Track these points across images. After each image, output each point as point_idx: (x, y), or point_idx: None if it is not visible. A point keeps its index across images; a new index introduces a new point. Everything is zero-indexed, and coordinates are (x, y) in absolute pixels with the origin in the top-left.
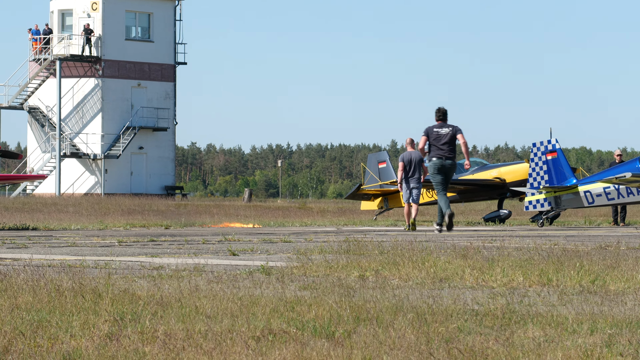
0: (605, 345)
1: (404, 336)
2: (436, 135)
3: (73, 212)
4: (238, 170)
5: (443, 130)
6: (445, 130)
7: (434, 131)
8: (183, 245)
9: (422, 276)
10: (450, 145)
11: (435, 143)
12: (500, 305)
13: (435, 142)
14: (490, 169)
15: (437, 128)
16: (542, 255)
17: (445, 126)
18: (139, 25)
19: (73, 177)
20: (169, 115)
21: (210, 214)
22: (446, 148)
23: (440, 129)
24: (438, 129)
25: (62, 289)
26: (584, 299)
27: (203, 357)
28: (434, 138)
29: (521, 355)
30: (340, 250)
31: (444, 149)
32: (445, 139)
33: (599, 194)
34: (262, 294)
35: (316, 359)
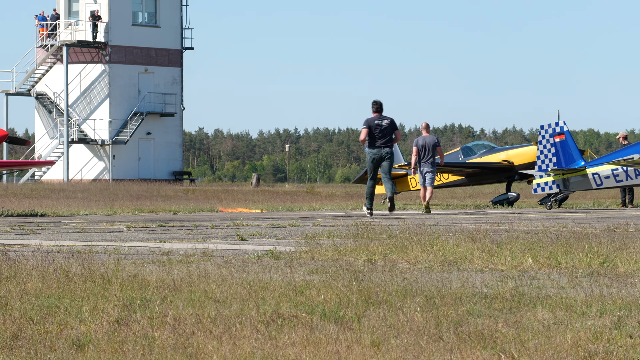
0: (614, 327)
1: (413, 319)
2: (377, 126)
3: (81, 198)
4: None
5: (384, 122)
6: (385, 122)
7: (375, 122)
8: (192, 231)
9: (431, 259)
10: (389, 136)
11: (375, 134)
12: (509, 288)
13: (376, 132)
14: (498, 151)
15: (377, 120)
16: (550, 238)
17: (384, 118)
18: (146, 10)
19: (81, 163)
20: (176, 101)
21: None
22: (385, 138)
23: (381, 120)
24: (379, 121)
25: (71, 275)
26: (593, 281)
27: (212, 341)
28: (374, 129)
29: (530, 338)
30: (349, 234)
31: (383, 140)
32: (385, 130)
33: (607, 176)
34: (271, 279)
35: (325, 342)
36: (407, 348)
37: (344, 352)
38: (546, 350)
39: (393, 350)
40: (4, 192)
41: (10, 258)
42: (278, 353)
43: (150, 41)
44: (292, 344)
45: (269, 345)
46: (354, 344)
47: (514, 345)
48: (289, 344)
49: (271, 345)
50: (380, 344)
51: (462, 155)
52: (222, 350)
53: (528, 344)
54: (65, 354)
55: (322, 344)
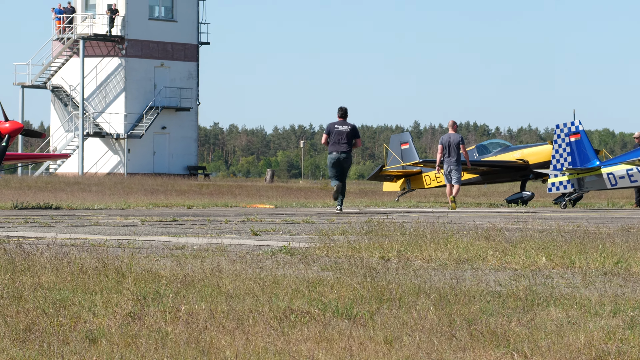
0: (627, 327)
1: (426, 317)
2: (337, 131)
3: (96, 192)
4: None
5: (343, 127)
6: (345, 128)
7: (335, 127)
8: (206, 225)
9: (445, 257)
10: (348, 141)
11: (335, 138)
12: (522, 287)
13: (335, 137)
14: (513, 150)
15: (338, 125)
16: (564, 237)
17: (345, 124)
18: (162, 4)
19: (96, 157)
20: (192, 95)
21: (233, 195)
22: (344, 144)
23: (341, 126)
24: (339, 126)
25: (85, 268)
26: (607, 281)
27: (225, 336)
28: (334, 134)
29: (543, 337)
30: (363, 231)
31: (341, 144)
32: (344, 135)
33: (622, 176)
34: (284, 275)
35: (338, 339)
36: (420, 346)
37: (356, 349)
38: (559, 349)
39: (406, 348)
40: (19, 184)
41: (25, 251)
42: (291, 349)
43: (167, 35)
44: (304, 340)
45: (282, 340)
46: (367, 340)
47: (526, 344)
48: (301, 340)
49: (284, 341)
50: (393, 341)
51: (477, 154)
52: (235, 345)
53: (541, 343)
54: (79, 348)
55: (335, 340)
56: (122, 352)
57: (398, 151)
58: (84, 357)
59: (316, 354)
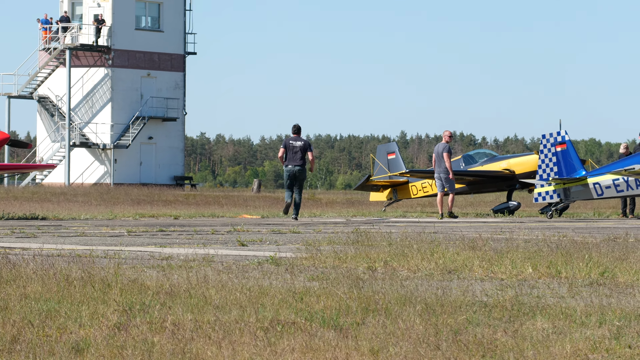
0: (613, 337)
1: (413, 327)
2: (291, 146)
3: (82, 202)
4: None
5: (297, 142)
6: (299, 143)
7: (289, 143)
8: (192, 236)
9: (431, 267)
10: (301, 155)
11: (290, 153)
12: (509, 297)
13: (291, 152)
14: (499, 160)
15: (292, 140)
16: (551, 247)
17: (299, 139)
18: (149, 15)
19: (82, 167)
20: (179, 106)
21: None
22: (298, 158)
23: (295, 141)
24: (293, 142)
25: (71, 279)
26: (593, 291)
27: (212, 347)
28: (290, 149)
29: (529, 347)
30: (349, 242)
31: (296, 159)
32: (298, 150)
33: (608, 186)
34: (271, 285)
35: (324, 349)
36: (406, 356)
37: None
38: (545, 359)
39: (392, 358)
40: (5, 195)
41: (11, 261)
42: (277, 359)
43: (153, 46)
44: (291, 350)
45: (268, 351)
46: (353, 351)
47: (512, 354)
48: (287, 351)
49: (270, 352)
50: (379, 351)
51: (464, 164)
52: (221, 356)
53: (527, 353)
54: (65, 358)
55: (321, 351)
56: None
57: (385, 161)
58: None
59: None
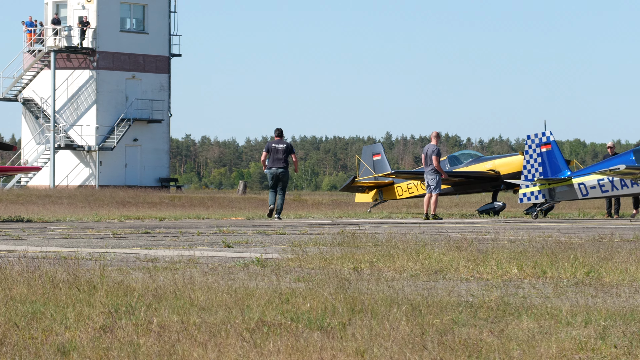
0: (599, 337)
1: (398, 328)
2: (274, 149)
3: (67, 204)
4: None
5: (280, 145)
6: (281, 146)
7: (272, 146)
8: (178, 237)
9: (417, 268)
10: (284, 157)
11: (273, 156)
12: (494, 297)
13: (273, 155)
14: (484, 161)
15: (275, 143)
16: (536, 248)
17: (281, 142)
18: (134, 16)
19: (67, 169)
20: (164, 107)
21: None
22: (281, 160)
23: (278, 144)
24: (276, 145)
25: (57, 281)
26: (579, 291)
27: (197, 348)
28: (272, 152)
29: (515, 347)
30: (335, 243)
31: (279, 161)
32: (281, 153)
33: (593, 186)
34: (256, 286)
35: (310, 350)
36: (392, 357)
37: None
38: (531, 359)
39: (377, 359)
40: None
41: None
42: None
43: (138, 47)
44: (277, 352)
45: (254, 352)
46: (339, 352)
47: (498, 354)
48: (274, 352)
49: (256, 353)
50: (365, 352)
51: (449, 164)
52: (207, 358)
53: (513, 353)
54: None
55: (307, 352)
56: None
57: (370, 162)
58: None
59: None
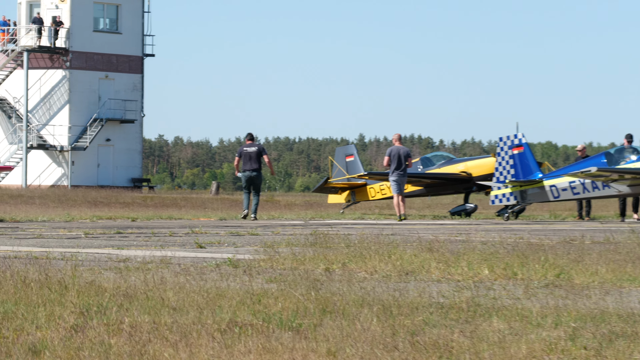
0: (569, 339)
1: (370, 329)
2: (246, 153)
3: (39, 204)
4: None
5: (251, 149)
6: (253, 149)
7: (244, 150)
8: (150, 238)
9: (389, 269)
10: (257, 160)
11: (245, 159)
12: (465, 299)
13: (245, 158)
14: (456, 163)
15: (246, 147)
16: (507, 249)
17: (253, 146)
18: (107, 16)
19: (40, 169)
20: (137, 107)
21: (178, 207)
22: (254, 163)
23: (249, 147)
24: (247, 148)
25: (28, 281)
26: (549, 293)
27: (169, 349)
28: (244, 155)
29: (485, 348)
30: (307, 243)
31: (252, 164)
32: (253, 156)
33: (565, 189)
34: (228, 287)
35: (281, 351)
36: (363, 357)
37: None
38: None
39: (349, 359)
40: None
41: None
42: None
43: (111, 47)
44: (248, 352)
45: (225, 353)
46: (310, 352)
47: (469, 355)
48: (245, 352)
49: (227, 353)
50: (337, 353)
51: (421, 166)
52: (178, 358)
53: (483, 354)
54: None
55: (278, 352)
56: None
57: (343, 164)
58: None
59: None
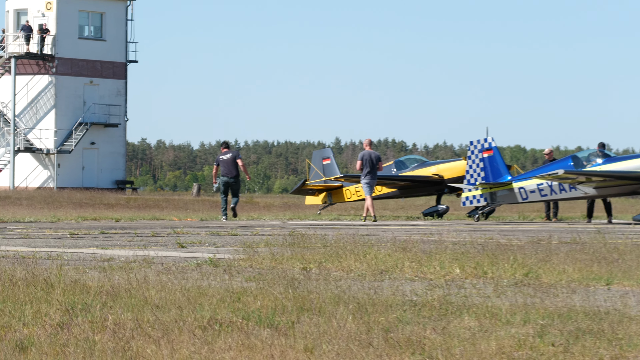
0: (537, 336)
1: (345, 326)
2: (222, 160)
3: (26, 205)
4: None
5: (227, 156)
6: (228, 156)
7: (220, 158)
8: (133, 238)
9: (364, 268)
10: (234, 165)
11: (223, 166)
12: (437, 297)
13: (223, 165)
14: (429, 166)
15: (222, 155)
16: (477, 249)
17: (228, 153)
18: (92, 24)
19: (27, 171)
20: (120, 112)
21: (160, 208)
22: (231, 169)
23: (225, 155)
24: (223, 156)
25: (16, 279)
26: (518, 291)
27: (151, 345)
28: (222, 163)
29: (457, 344)
30: (285, 243)
31: (229, 170)
32: (229, 162)
33: (533, 191)
34: (209, 285)
35: (260, 347)
36: (339, 353)
37: (278, 357)
38: (471, 356)
39: (325, 355)
40: None
41: None
42: (215, 357)
43: (96, 54)
44: (228, 348)
45: (206, 349)
46: (288, 349)
47: (440, 351)
48: (225, 349)
49: (208, 350)
50: (313, 349)
51: (395, 169)
52: (160, 354)
53: (454, 350)
54: (9, 356)
55: (257, 349)
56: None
57: (320, 166)
58: None
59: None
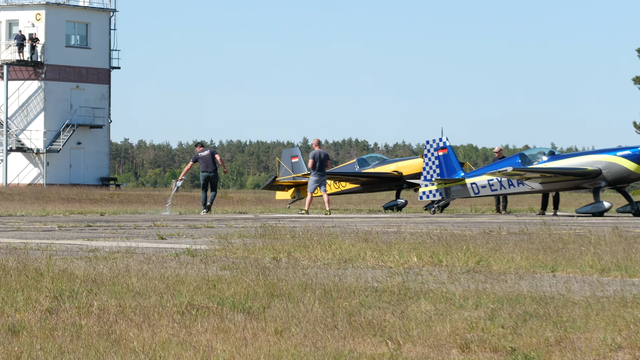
0: (488, 318)
1: (312, 310)
2: (201, 157)
3: (18, 200)
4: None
5: (204, 153)
6: (206, 152)
7: (199, 155)
8: (116, 230)
9: (329, 257)
10: (212, 161)
11: (202, 163)
12: (396, 283)
13: (202, 162)
14: (389, 163)
15: (200, 153)
16: (433, 239)
17: (205, 150)
18: (78, 33)
19: (18, 169)
20: (104, 114)
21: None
22: (210, 164)
23: (203, 152)
24: (201, 153)
25: (8, 269)
26: (470, 278)
27: (133, 329)
28: (201, 159)
29: (414, 327)
30: (257, 235)
31: (208, 165)
32: (208, 158)
33: (484, 186)
34: (187, 274)
35: (234, 330)
36: (306, 335)
37: (250, 339)
38: (428, 337)
39: (294, 337)
40: None
41: None
42: (192, 339)
43: (82, 61)
44: (204, 331)
45: (184, 332)
46: (260, 331)
47: (399, 333)
48: (201, 332)
49: (186, 333)
50: (283, 331)
51: (358, 166)
52: (142, 337)
53: (412, 332)
54: (2, 339)
55: (232, 331)
56: (41, 343)
57: (289, 164)
58: (7, 348)
59: (214, 344)
